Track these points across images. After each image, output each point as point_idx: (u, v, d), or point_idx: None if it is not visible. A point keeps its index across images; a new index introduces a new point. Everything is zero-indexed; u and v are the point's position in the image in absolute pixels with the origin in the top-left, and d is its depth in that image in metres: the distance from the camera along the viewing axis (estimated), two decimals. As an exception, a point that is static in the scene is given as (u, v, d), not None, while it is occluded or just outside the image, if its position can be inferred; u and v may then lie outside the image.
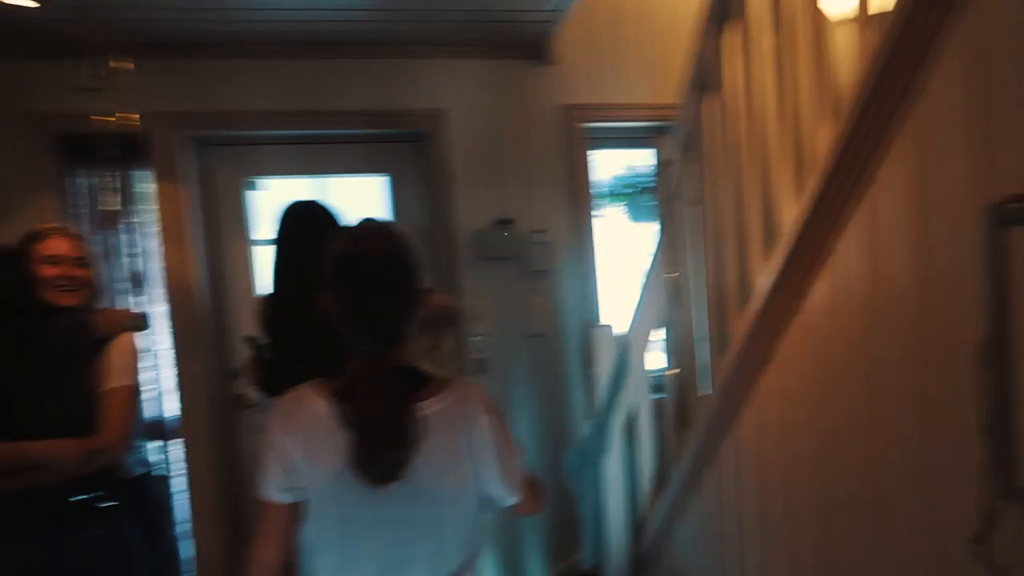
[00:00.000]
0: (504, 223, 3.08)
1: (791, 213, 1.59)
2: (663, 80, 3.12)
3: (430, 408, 1.25)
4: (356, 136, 3.13)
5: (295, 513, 1.28)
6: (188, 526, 3.09)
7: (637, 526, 2.72)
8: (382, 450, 1.20)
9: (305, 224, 1.94)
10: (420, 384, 1.28)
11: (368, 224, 1.33)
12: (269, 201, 3.18)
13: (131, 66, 2.15)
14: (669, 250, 2.45)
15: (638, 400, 2.62)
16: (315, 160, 3.16)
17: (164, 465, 3.01)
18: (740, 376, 1.83)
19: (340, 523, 1.25)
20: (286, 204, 2.01)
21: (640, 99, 3.12)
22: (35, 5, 2.40)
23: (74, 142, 2.92)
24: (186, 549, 3.11)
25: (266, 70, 2.95)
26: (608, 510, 2.64)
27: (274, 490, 1.27)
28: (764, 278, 1.69)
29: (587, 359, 3.17)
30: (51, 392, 1.88)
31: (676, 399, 2.62)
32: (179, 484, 3.08)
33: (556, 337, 3.19)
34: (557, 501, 3.24)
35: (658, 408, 2.64)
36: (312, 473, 1.24)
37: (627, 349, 2.57)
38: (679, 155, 2.17)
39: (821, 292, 1.55)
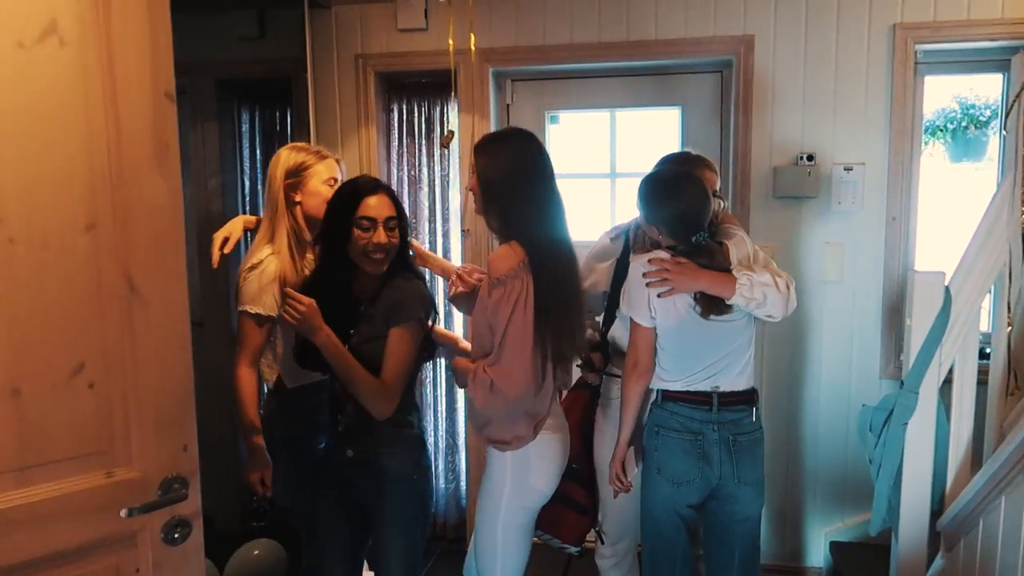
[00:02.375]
0: (807, 158, 2.85)
1: None
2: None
3: None
4: (652, 68, 3.07)
5: (653, 333, 2.06)
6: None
7: (939, 499, 2.46)
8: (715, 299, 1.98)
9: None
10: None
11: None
12: (563, 134, 3.27)
13: (452, 6, 2.23)
14: (1018, 189, 2.11)
15: (960, 359, 2.32)
16: (609, 93, 3.16)
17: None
18: None
19: (680, 341, 2.05)
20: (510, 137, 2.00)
21: (989, 14, 2.68)
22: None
23: (395, 78, 3.21)
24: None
25: (568, 4, 2.98)
26: (907, 478, 2.40)
27: (644, 319, 2.03)
28: None
29: (893, 311, 2.88)
30: None
31: (1010, 361, 2.30)
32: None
33: (855, 284, 2.93)
34: (841, 460, 3.04)
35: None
36: (665, 311, 2.01)
37: (952, 301, 2.28)
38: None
39: None
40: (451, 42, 2.21)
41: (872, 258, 2.91)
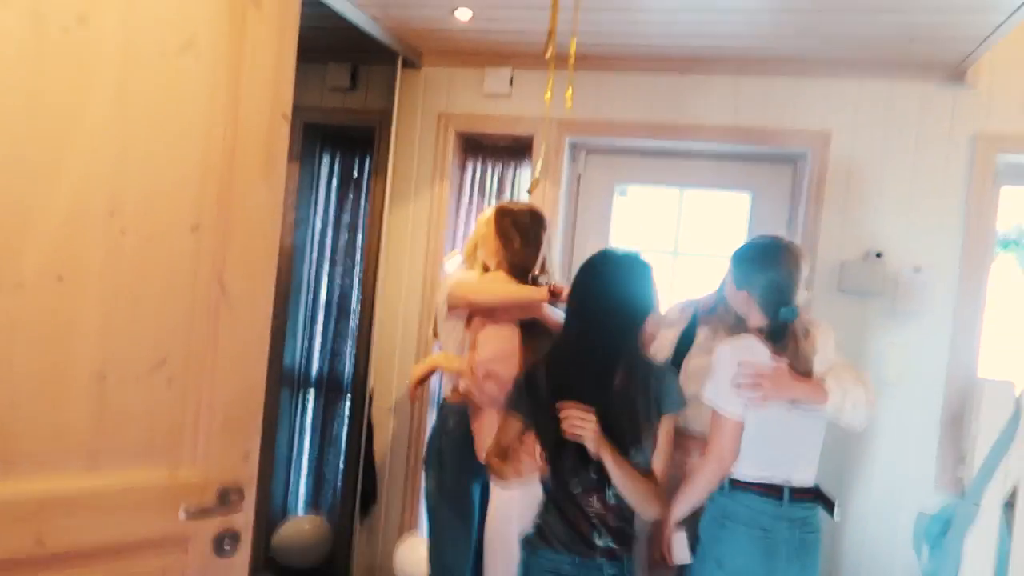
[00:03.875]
0: (876, 255, 2.84)
1: None
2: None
3: None
4: (726, 153, 3.12)
5: (741, 427, 1.94)
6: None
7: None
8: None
9: None
10: None
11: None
12: (629, 208, 3.31)
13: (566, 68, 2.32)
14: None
15: (1027, 473, 2.22)
16: (681, 172, 3.21)
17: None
18: None
19: (764, 429, 1.95)
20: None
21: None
22: (467, 19, 2.75)
23: (471, 139, 3.32)
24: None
25: (650, 84, 3.07)
26: (963, 594, 2.27)
27: (733, 407, 1.93)
28: None
29: (954, 419, 2.78)
30: None
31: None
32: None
33: (914, 388, 2.85)
34: (888, 568, 2.89)
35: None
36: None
37: (1022, 413, 2.20)
38: None
39: None
40: (548, 97, 2.31)
41: (935, 363, 2.83)
